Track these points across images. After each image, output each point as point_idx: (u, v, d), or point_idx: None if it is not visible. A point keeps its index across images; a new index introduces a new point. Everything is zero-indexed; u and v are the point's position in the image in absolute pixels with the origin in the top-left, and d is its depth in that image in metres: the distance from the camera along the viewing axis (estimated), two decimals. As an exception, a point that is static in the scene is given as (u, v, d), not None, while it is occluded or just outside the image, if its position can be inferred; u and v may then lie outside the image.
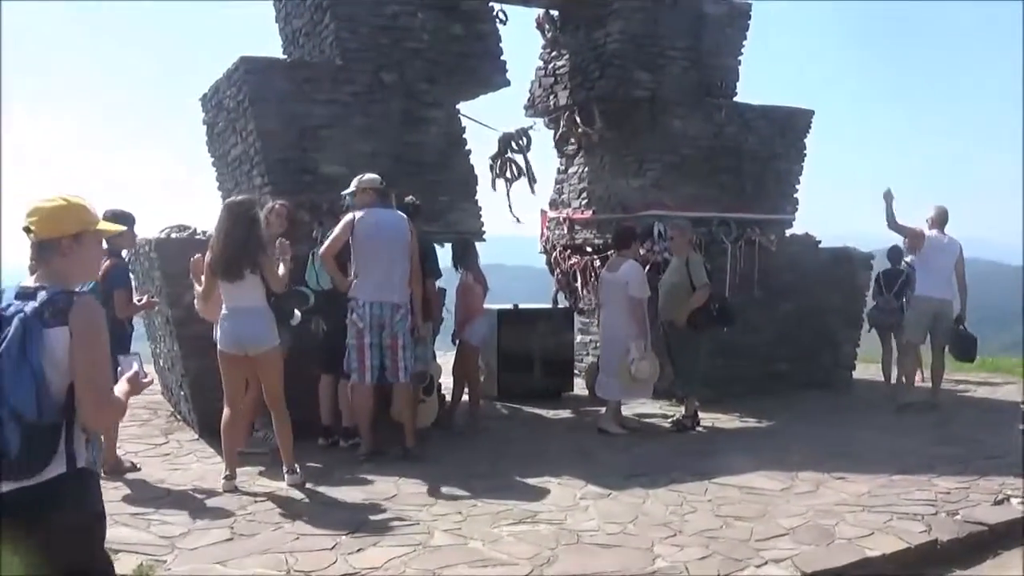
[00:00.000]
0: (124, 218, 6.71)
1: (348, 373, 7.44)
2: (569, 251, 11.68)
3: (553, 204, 12.42)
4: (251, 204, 6.56)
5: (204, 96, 10.06)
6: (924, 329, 10.02)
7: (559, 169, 12.43)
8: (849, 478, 7.05)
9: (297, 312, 7.28)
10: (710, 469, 7.25)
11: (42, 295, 2.97)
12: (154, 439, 8.20)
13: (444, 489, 6.64)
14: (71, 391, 2.97)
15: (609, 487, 6.75)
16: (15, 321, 2.90)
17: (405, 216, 7.57)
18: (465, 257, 8.87)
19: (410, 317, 7.52)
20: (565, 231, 11.91)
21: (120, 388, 3.19)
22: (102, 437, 5.08)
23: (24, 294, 3.00)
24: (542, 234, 12.43)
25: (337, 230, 7.38)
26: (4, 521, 2.92)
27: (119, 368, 3.26)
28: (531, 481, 6.92)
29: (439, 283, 8.64)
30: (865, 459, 7.63)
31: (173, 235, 8.68)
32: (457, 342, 8.92)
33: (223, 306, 6.50)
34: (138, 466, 7.12)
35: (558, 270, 11.78)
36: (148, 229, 8.63)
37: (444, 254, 8.99)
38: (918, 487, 6.83)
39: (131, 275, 7.50)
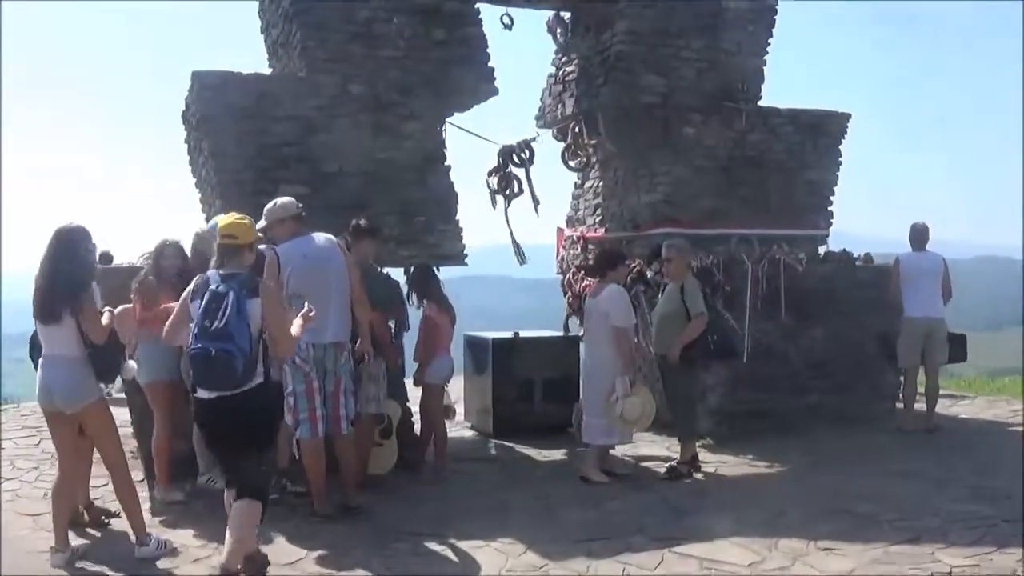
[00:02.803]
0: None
1: (295, 425, 6.46)
2: (583, 272, 10.70)
3: (570, 221, 11.49)
4: (81, 233, 5.54)
5: (183, 113, 9.43)
6: (916, 352, 9.59)
7: (576, 184, 11.49)
8: (837, 548, 5.89)
9: (132, 363, 6.13)
10: (679, 532, 6.22)
11: (240, 277, 4.96)
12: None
13: (355, 555, 5.78)
14: (259, 337, 4.94)
15: (549, 556, 5.79)
16: (231, 294, 4.84)
17: (333, 238, 6.66)
18: (424, 286, 7.97)
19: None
20: (579, 250, 10.98)
21: (296, 324, 5.30)
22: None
23: (225, 277, 4.96)
24: (558, 253, 11.51)
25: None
26: (213, 416, 5.06)
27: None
28: (464, 545, 6.01)
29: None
30: (869, 519, 6.49)
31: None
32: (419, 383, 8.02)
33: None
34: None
35: (570, 293, 10.78)
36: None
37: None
38: (914, 563, 5.63)
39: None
